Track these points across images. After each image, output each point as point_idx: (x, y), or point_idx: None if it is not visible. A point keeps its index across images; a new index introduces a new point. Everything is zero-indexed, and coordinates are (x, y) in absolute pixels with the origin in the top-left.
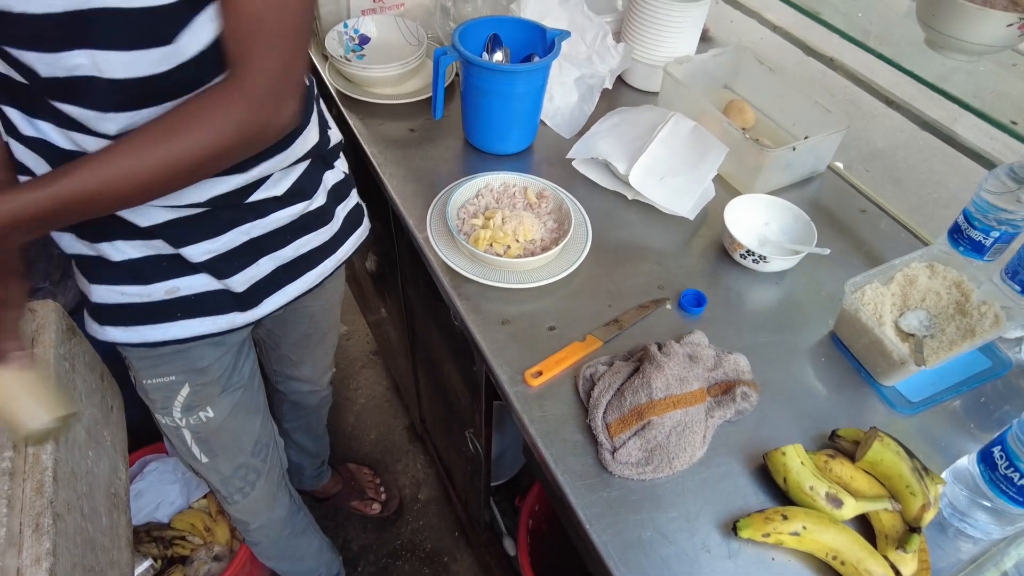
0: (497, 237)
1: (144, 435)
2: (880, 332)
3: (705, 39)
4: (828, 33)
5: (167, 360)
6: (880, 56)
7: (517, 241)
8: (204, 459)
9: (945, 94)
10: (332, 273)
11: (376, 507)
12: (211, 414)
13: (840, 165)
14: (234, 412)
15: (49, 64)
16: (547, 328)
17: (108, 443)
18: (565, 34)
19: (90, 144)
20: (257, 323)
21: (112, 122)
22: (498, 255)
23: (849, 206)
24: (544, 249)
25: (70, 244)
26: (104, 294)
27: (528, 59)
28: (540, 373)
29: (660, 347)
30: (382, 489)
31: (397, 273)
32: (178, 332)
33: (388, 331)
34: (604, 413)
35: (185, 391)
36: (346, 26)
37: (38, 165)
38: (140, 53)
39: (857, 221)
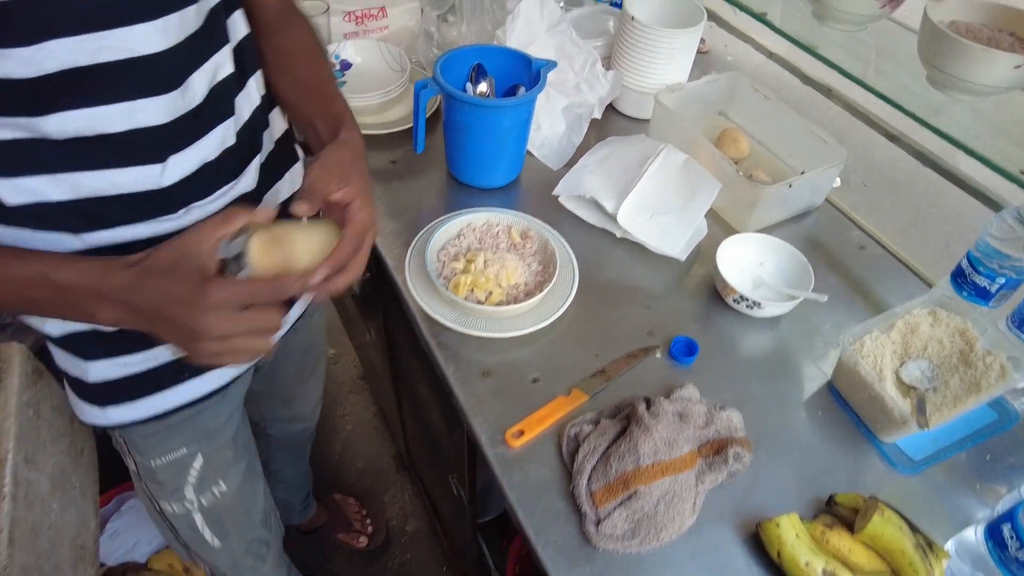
0: (478, 283)
1: (121, 471)
2: (880, 388)
3: (701, 52)
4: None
5: (176, 431)
6: (880, 95)
7: (500, 286)
8: (216, 543)
9: (949, 139)
10: None
11: (363, 540)
12: (224, 488)
13: (838, 181)
14: (245, 479)
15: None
16: (531, 380)
17: (76, 490)
18: (552, 64)
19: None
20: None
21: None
22: (479, 302)
23: (847, 242)
24: (528, 294)
25: (55, 327)
26: (104, 371)
27: (514, 90)
28: (522, 432)
29: (649, 404)
30: (368, 521)
31: (379, 303)
32: (189, 393)
33: (373, 356)
34: (589, 480)
35: (198, 463)
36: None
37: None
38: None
39: (856, 259)
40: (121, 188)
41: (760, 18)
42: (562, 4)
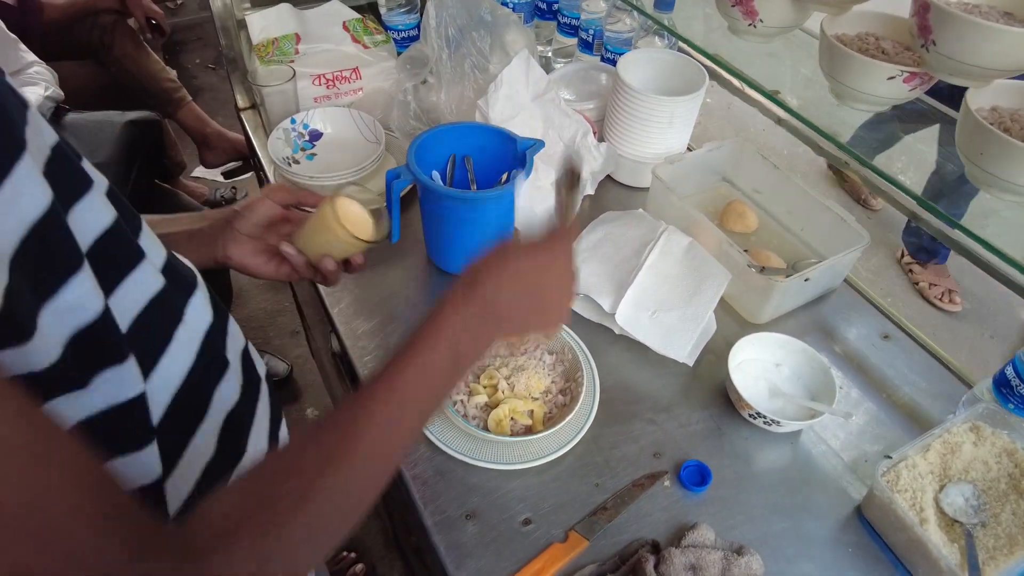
0: (516, 410)
1: None
2: (922, 532)
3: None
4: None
5: None
6: (917, 198)
7: (534, 399)
8: None
9: (993, 249)
10: None
11: None
12: None
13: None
14: None
15: None
16: (521, 522)
17: None
18: (539, 145)
19: None
20: None
21: None
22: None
23: (870, 329)
24: (557, 405)
25: None
26: None
27: (497, 171)
28: None
29: (657, 556)
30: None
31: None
32: None
33: None
34: None
35: None
36: (294, 122)
37: None
38: None
39: (880, 352)
40: None
41: (772, 98)
42: (550, 53)
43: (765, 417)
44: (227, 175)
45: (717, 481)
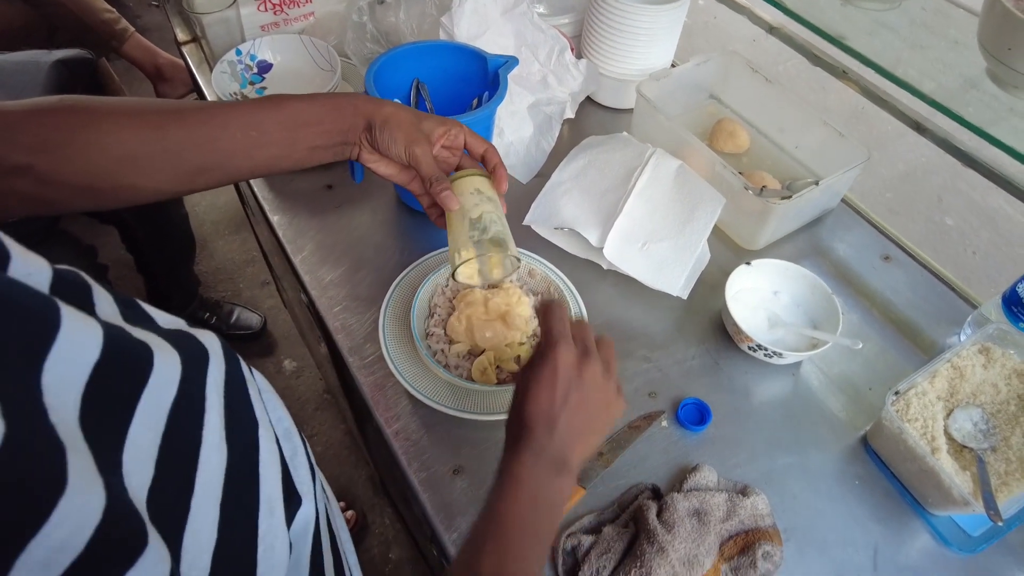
0: (501, 357)
1: None
2: (934, 462)
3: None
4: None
5: None
6: (926, 99)
7: (521, 344)
8: None
9: (1013, 152)
10: None
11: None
12: None
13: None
14: None
15: None
16: None
17: None
18: (512, 62)
19: None
20: None
21: None
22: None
23: (869, 251)
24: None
25: None
26: None
27: (467, 95)
28: None
29: (659, 502)
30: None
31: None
32: None
33: (329, 373)
34: None
35: None
36: (239, 53)
37: None
38: None
39: (881, 274)
40: None
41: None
42: None
43: (766, 349)
44: None
45: (717, 419)
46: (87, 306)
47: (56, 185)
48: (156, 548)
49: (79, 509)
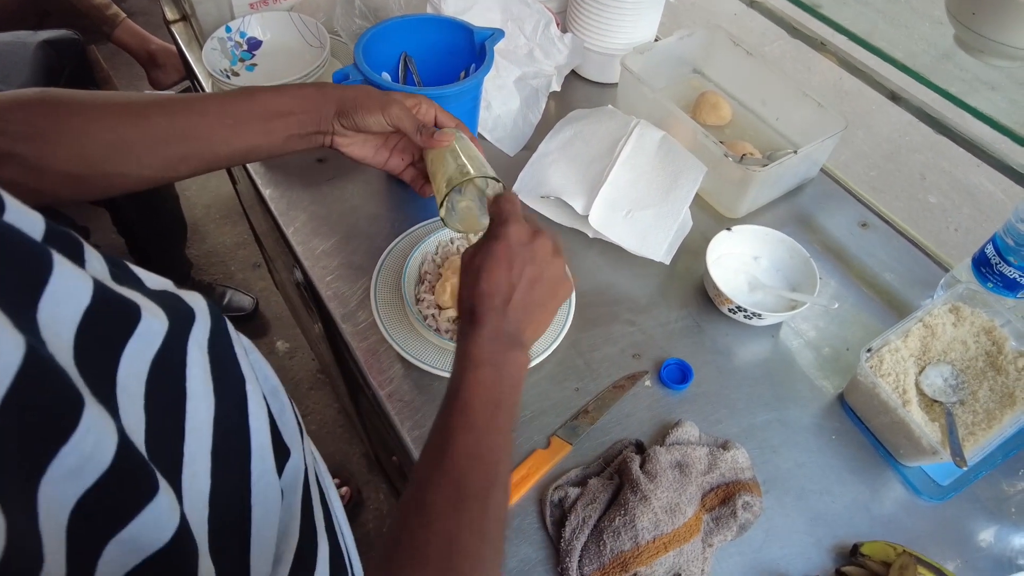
0: None
1: None
2: (905, 414)
3: None
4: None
5: None
6: (901, 66)
7: None
8: None
9: (983, 117)
10: None
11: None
12: None
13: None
14: None
15: None
16: None
17: None
18: (498, 34)
19: None
20: None
21: None
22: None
23: (847, 218)
24: None
25: None
26: None
27: (455, 69)
28: None
29: (642, 455)
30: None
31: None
32: None
33: (324, 351)
34: (580, 562)
35: None
36: (229, 30)
37: None
38: None
39: (859, 240)
40: None
41: None
42: None
43: (745, 311)
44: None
45: (699, 378)
46: (78, 261)
47: (43, 173)
48: (166, 492)
49: (99, 426)
